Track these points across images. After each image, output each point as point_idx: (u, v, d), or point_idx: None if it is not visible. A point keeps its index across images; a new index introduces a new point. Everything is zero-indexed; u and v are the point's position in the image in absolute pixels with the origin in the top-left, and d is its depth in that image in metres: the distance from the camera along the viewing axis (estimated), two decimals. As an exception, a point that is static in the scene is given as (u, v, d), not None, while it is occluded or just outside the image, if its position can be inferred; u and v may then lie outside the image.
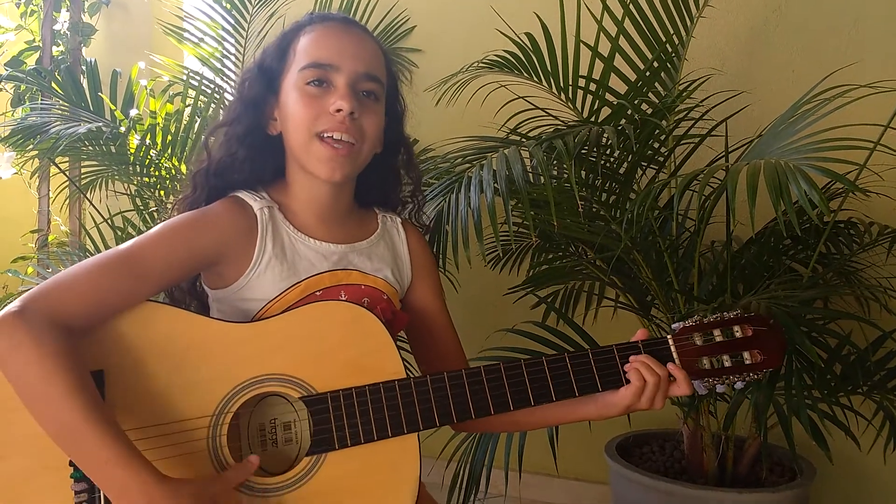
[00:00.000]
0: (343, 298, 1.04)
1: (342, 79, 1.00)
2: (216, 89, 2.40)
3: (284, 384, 0.92)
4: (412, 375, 0.96)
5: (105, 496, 0.85)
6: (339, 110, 0.98)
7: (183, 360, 0.90)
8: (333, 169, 1.00)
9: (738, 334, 0.99)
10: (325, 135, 0.99)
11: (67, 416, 0.80)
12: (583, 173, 1.54)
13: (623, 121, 1.48)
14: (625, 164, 1.55)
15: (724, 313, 1.00)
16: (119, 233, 2.09)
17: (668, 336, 1.00)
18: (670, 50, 1.66)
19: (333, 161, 1.00)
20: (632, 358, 0.98)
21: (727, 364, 0.98)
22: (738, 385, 0.99)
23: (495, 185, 1.28)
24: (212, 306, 1.08)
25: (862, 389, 1.48)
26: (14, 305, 0.83)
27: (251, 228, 1.01)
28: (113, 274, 0.89)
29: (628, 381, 0.97)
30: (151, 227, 0.99)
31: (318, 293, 1.03)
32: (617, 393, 0.98)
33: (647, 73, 1.63)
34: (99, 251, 1.96)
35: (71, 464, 0.85)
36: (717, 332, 0.99)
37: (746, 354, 0.98)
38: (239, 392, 0.91)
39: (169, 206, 2.12)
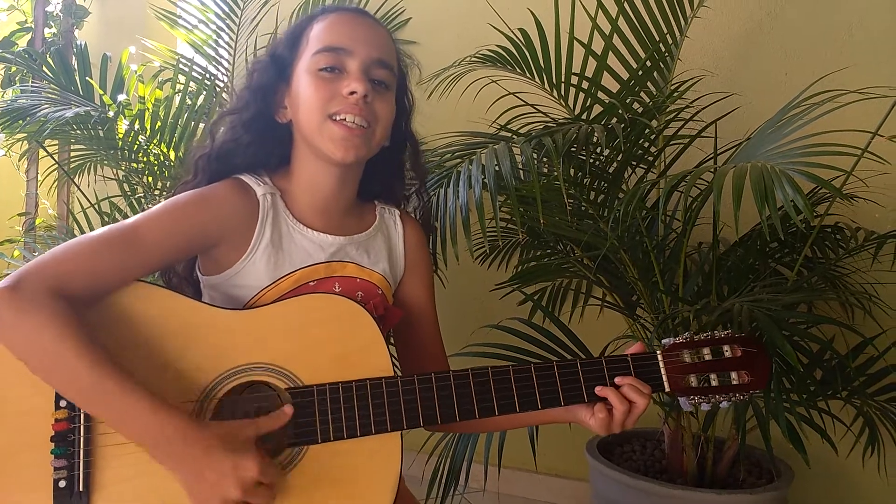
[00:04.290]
0: (337, 290, 1.04)
1: (355, 63, 1.00)
2: (207, 76, 2.39)
3: (272, 374, 0.92)
4: (399, 374, 0.96)
5: (85, 473, 0.85)
6: (352, 93, 0.98)
7: (171, 343, 0.90)
8: (347, 149, 0.99)
9: (727, 354, 0.99)
10: (338, 117, 0.98)
11: (87, 373, 0.81)
12: (572, 171, 1.54)
13: (614, 119, 1.48)
14: (614, 164, 1.55)
15: (714, 332, 1.00)
16: (106, 218, 2.07)
17: (658, 352, 0.99)
18: (664, 49, 1.66)
19: (347, 141, 0.99)
20: (597, 390, 0.96)
21: (714, 383, 0.98)
22: (724, 404, 0.99)
23: (484, 180, 1.27)
24: (204, 292, 1.08)
25: (841, 395, 1.49)
26: (9, 279, 0.83)
27: (252, 213, 1.01)
28: (111, 249, 0.89)
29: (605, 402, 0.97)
30: (138, 213, 0.98)
31: (311, 284, 1.03)
32: (590, 417, 0.97)
33: (640, 73, 1.62)
34: (85, 236, 1.94)
35: (52, 439, 0.85)
36: (706, 351, 0.99)
37: (734, 375, 0.98)
38: (226, 379, 0.91)
39: (157, 192, 2.11)
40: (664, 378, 0.98)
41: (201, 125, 2.07)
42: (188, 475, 0.83)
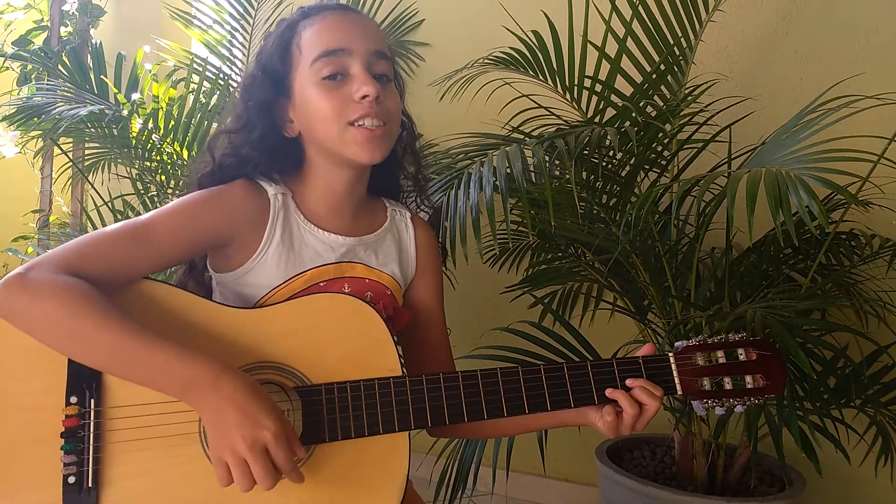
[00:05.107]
0: (346, 291, 1.04)
1: (357, 63, 0.99)
2: (221, 76, 2.40)
3: (280, 373, 0.92)
4: (408, 374, 0.95)
5: (94, 469, 0.85)
6: (365, 96, 0.97)
7: (180, 341, 0.89)
8: (373, 150, 0.99)
9: (741, 357, 0.97)
10: (357, 123, 0.98)
11: (110, 338, 0.82)
12: (584, 174, 1.53)
13: (627, 123, 1.47)
14: (627, 167, 1.54)
15: (729, 335, 0.99)
16: (119, 216, 2.09)
17: (670, 353, 0.98)
18: (678, 53, 1.65)
19: (372, 142, 0.99)
20: (608, 392, 0.95)
21: (728, 386, 0.96)
22: (738, 409, 0.97)
23: (495, 181, 1.27)
24: (215, 290, 1.08)
25: (854, 403, 1.47)
26: (20, 268, 0.85)
27: (263, 213, 1.01)
28: (120, 243, 0.91)
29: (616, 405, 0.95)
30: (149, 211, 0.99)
31: (321, 284, 1.03)
32: (598, 419, 0.96)
33: (654, 76, 1.61)
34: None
35: (62, 435, 0.85)
36: (719, 354, 0.97)
37: (749, 378, 0.96)
38: (234, 377, 0.91)
39: (170, 190, 2.12)
40: (676, 381, 0.96)
41: (214, 125, 2.08)
42: (213, 414, 0.81)
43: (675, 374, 0.97)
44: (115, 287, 0.90)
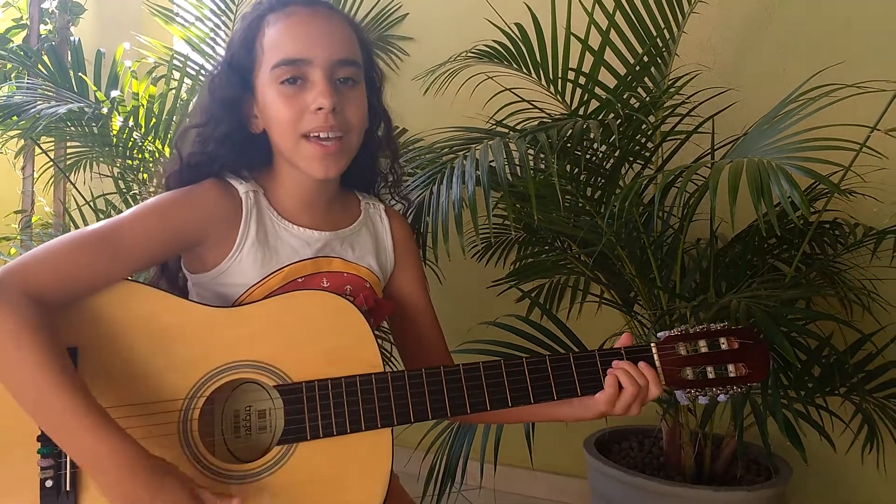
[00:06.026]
0: (325, 286, 1.03)
1: (318, 72, 0.96)
2: (202, 73, 2.37)
3: (260, 371, 0.91)
4: (390, 369, 0.95)
5: (71, 473, 0.85)
6: (320, 108, 0.95)
7: (158, 341, 0.89)
8: (327, 167, 0.98)
9: (723, 346, 0.97)
10: (312, 135, 0.97)
11: (37, 384, 0.79)
12: (568, 167, 1.53)
13: (611, 115, 1.47)
14: (611, 159, 1.54)
15: (711, 325, 0.99)
16: (101, 215, 2.07)
17: (652, 344, 0.98)
18: (661, 45, 1.65)
19: (325, 159, 0.98)
20: (614, 363, 0.96)
21: (710, 376, 0.96)
22: (722, 398, 0.97)
23: (477, 173, 1.26)
24: (191, 291, 1.07)
25: (839, 391, 1.48)
26: None
27: (235, 212, 1.00)
28: (90, 249, 0.89)
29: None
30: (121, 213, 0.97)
31: (299, 280, 1.02)
32: (593, 397, 0.96)
33: (637, 68, 1.62)
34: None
35: (38, 439, 0.84)
36: (702, 343, 0.98)
37: (731, 367, 0.97)
38: (213, 377, 0.90)
39: (152, 189, 2.10)
40: (659, 370, 0.97)
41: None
42: (125, 495, 0.80)
43: (657, 363, 0.97)
44: (86, 293, 0.88)
